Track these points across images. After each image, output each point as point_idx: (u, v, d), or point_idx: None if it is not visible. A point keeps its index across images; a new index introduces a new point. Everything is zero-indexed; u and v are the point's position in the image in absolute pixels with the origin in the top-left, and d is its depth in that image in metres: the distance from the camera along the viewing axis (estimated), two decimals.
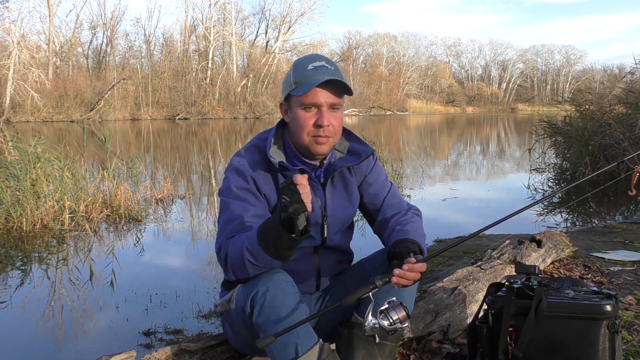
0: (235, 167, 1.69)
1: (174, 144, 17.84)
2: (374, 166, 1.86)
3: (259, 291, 1.53)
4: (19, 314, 3.15)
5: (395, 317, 1.47)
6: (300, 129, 1.65)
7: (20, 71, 31.46)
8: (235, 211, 1.63)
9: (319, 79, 1.60)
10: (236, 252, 1.54)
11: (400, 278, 1.46)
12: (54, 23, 38.93)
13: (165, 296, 3.31)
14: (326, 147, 1.68)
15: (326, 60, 1.66)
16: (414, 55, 71.01)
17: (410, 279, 1.48)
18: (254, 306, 1.53)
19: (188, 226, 5.50)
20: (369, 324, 1.49)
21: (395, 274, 1.46)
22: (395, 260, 1.60)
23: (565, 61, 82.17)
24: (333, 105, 1.65)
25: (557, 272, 3.33)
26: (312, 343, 1.50)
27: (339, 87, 1.65)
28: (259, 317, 1.51)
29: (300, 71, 1.64)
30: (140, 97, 36.52)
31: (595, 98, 10.67)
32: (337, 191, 1.79)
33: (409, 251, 1.59)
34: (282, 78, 1.79)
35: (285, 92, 1.69)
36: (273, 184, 1.70)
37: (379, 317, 1.48)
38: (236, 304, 1.62)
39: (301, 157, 1.73)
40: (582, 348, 1.71)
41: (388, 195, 1.85)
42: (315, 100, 1.62)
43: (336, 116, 1.66)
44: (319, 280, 1.81)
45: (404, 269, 1.47)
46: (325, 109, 1.63)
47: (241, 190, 1.66)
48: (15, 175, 5.25)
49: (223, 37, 45.04)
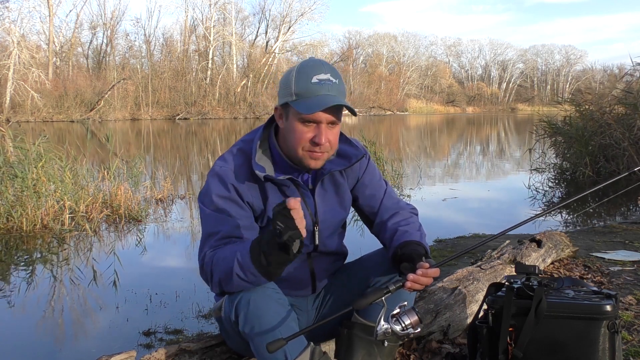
0: (217, 173, 1.62)
1: (174, 144, 17.84)
2: (368, 166, 1.81)
3: (242, 299, 1.51)
4: (19, 313, 3.15)
5: (407, 321, 1.46)
6: (296, 142, 1.57)
7: (20, 71, 31.44)
8: (217, 223, 1.58)
9: (323, 96, 1.52)
10: (224, 264, 1.49)
11: (414, 283, 1.46)
12: (54, 23, 38.98)
13: (165, 296, 3.32)
14: (320, 163, 1.62)
15: (331, 73, 1.56)
16: (414, 55, 71.07)
17: (424, 284, 1.47)
18: (238, 314, 1.52)
19: (188, 226, 5.50)
20: (381, 329, 1.47)
21: (409, 278, 1.45)
22: (405, 263, 1.58)
23: (565, 61, 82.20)
24: (333, 122, 1.57)
25: (557, 272, 3.33)
26: (302, 348, 1.48)
27: (342, 107, 1.58)
28: (245, 326, 1.50)
29: (304, 82, 1.54)
30: (140, 97, 36.50)
31: (595, 98, 10.67)
32: (328, 195, 1.74)
33: (419, 254, 1.58)
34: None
35: (283, 99, 1.58)
36: (258, 191, 1.64)
37: (391, 322, 1.46)
38: (224, 313, 1.60)
39: (290, 164, 1.65)
40: (582, 348, 1.71)
41: (385, 196, 1.82)
42: (316, 118, 1.54)
43: (334, 132, 1.59)
44: (314, 283, 1.80)
45: (418, 274, 1.46)
46: (324, 125, 1.55)
47: (222, 199, 1.59)
48: (18, 174, 5.25)
49: (223, 37, 45.04)
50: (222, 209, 1.59)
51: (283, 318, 1.49)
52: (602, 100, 10.29)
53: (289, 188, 1.66)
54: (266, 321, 1.48)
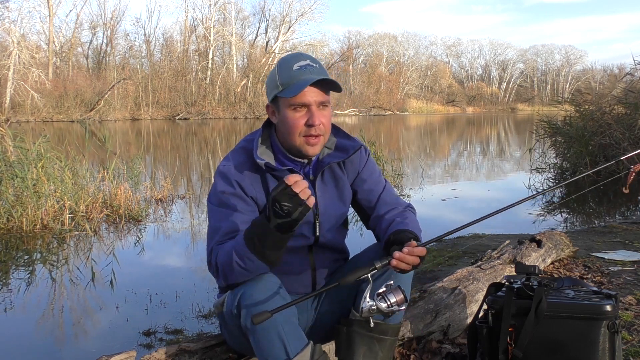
0: (221, 171, 1.68)
1: (174, 144, 17.83)
2: (367, 162, 1.84)
3: (245, 293, 1.53)
4: (19, 314, 3.15)
5: (393, 299, 1.47)
6: (292, 130, 1.63)
7: (20, 71, 31.43)
8: (222, 218, 1.62)
9: (307, 78, 1.58)
10: (226, 256, 1.54)
11: (400, 261, 1.46)
12: (54, 23, 38.97)
13: (165, 296, 3.32)
14: (318, 148, 1.67)
15: (310, 59, 1.64)
16: (414, 55, 71.05)
17: (410, 262, 1.47)
18: (240, 309, 1.53)
19: (188, 226, 5.50)
20: (366, 305, 1.48)
21: (395, 256, 1.45)
22: (395, 246, 1.58)
23: (565, 61, 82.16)
24: (322, 103, 1.63)
25: (557, 272, 3.33)
26: (303, 345, 1.48)
27: (327, 85, 1.63)
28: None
29: (286, 72, 1.61)
30: (140, 97, 36.50)
31: (595, 98, 10.68)
32: (328, 188, 1.77)
33: (409, 238, 1.58)
34: None
35: (271, 94, 1.66)
36: (261, 185, 1.69)
37: (377, 300, 1.48)
38: (226, 307, 1.62)
39: (290, 156, 1.70)
40: (582, 348, 1.72)
41: (383, 192, 1.83)
42: (305, 100, 1.60)
43: (325, 114, 1.65)
44: (315, 279, 1.81)
45: (404, 251, 1.46)
46: (314, 108, 1.61)
47: (227, 196, 1.64)
48: (18, 174, 5.25)
49: (223, 37, 45.04)
50: (227, 204, 1.64)
51: (284, 313, 1.48)
52: (602, 100, 10.29)
53: None
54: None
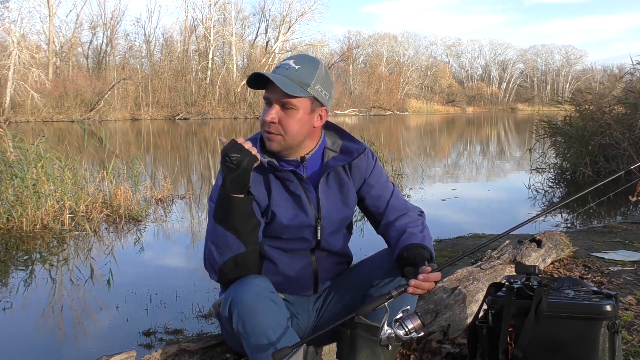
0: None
1: (174, 144, 17.83)
2: (374, 167, 1.81)
3: (235, 297, 1.52)
4: (19, 314, 3.15)
5: (410, 326, 1.47)
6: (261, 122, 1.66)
7: (20, 71, 31.41)
8: None
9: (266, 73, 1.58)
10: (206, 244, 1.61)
11: (416, 288, 1.48)
12: (54, 23, 38.95)
13: (165, 296, 3.32)
14: (275, 145, 1.64)
15: (295, 60, 1.61)
16: (414, 55, 71.01)
17: (426, 288, 1.49)
18: (231, 313, 1.53)
19: (188, 226, 5.50)
20: (385, 334, 1.48)
21: (411, 284, 1.47)
22: (408, 267, 1.60)
23: (565, 61, 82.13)
24: (284, 104, 1.59)
25: (557, 272, 3.33)
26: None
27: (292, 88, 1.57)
28: (237, 324, 1.51)
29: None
30: (140, 97, 36.48)
31: (595, 98, 10.67)
32: (331, 191, 1.75)
33: (422, 259, 1.59)
34: None
35: None
36: (263, 185, 1.68)
37: (395, 327, 1.47)
38: (221, 310, 1.62)
39: (279, 157, 1.69)
40: (582, 348, 1.71)
41: (392, 198, 1.80)
42: (267, 94, 1.61)
43: (288, 116, 1.60)
44: (316, 282, 1.80)
45: (419, 278, 1.48)
46: (275, 105, 1.60)
47: None
48: (17, 174, 5.25)
49: (223, 37, 45.03)
50: None
51: (275, 317, 1.50)
52: (602, 100, 10.28)
53: (292, 182, 1.68)
54: (257, 321, 1.48)
